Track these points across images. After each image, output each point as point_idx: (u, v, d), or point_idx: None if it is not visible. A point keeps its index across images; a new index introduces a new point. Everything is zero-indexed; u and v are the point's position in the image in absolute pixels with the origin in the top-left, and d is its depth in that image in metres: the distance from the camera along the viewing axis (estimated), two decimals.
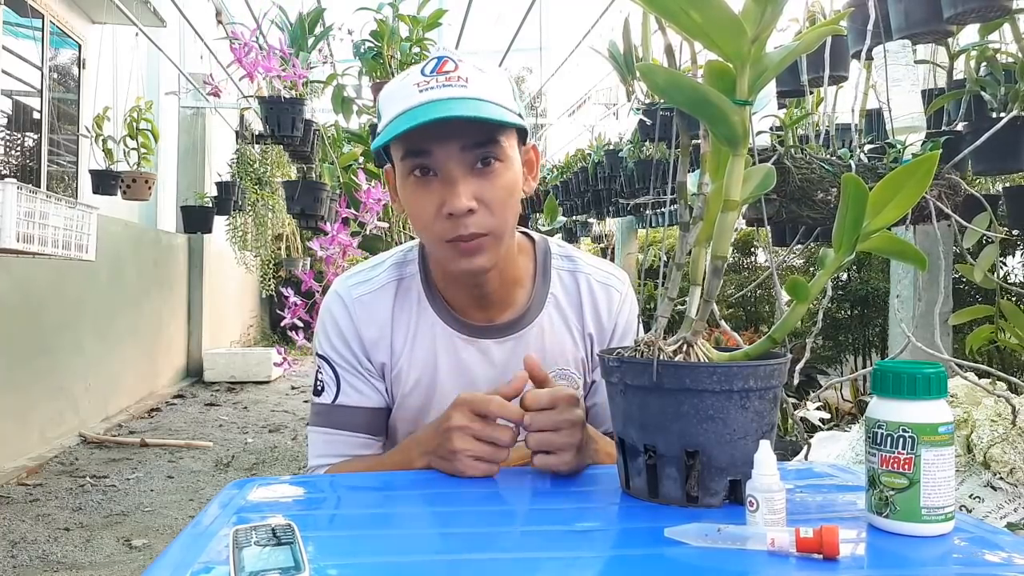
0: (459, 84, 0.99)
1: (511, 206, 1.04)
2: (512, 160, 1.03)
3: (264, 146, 6.71)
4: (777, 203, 1.67)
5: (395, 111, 1.00)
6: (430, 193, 1.01)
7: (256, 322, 10.97)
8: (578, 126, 8.26)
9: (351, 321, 1.12)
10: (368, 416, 1.12)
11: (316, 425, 1.13)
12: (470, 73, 1.00)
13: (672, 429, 0.79)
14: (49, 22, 5.18)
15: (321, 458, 1.12)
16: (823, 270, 0.82)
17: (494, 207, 1.01)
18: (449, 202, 0.99)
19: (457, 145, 0.99)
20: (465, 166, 1.00)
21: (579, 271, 1.18)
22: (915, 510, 0.71)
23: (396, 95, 1.02)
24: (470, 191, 0.99)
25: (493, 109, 0.99)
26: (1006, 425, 1.85)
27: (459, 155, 0.99)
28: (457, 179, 0.99)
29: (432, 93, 0.98)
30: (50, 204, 3.23)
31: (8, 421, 4.49)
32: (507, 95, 1.03)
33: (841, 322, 4.78)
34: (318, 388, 1.14)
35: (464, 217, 0.99)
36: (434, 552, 0.72)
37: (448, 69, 1.00)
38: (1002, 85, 2.02)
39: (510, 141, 1.04)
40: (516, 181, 1.04)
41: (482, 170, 1.01)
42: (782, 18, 1.10)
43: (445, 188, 1.00)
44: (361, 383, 1.12)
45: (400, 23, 2.99)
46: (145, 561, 3.11)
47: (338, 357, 1.12)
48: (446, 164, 1.00)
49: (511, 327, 1.12)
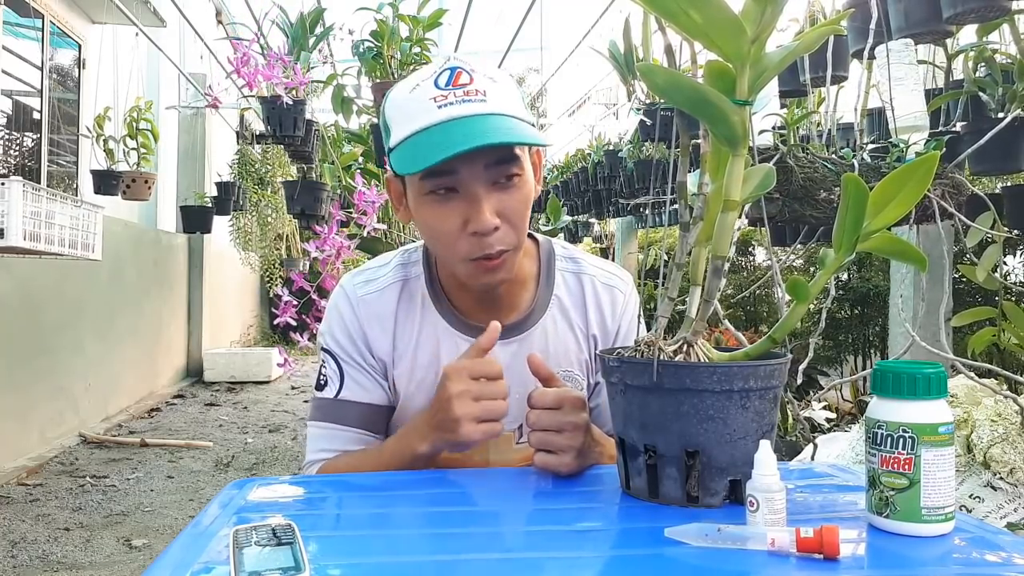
0: (478, 99, 0.97)
1: (527, 217, 1.04)
2: (528, 172, 1.03)
3: (265, 146, 6.71)
4: (780, 202, 1.66)
5: (412, 127, 0.98)
6: (451, 210, 1.00)
7: (256, 322, 10.98)
8: (578, 126, 8.26)
9: (356, 318, 1.12)
10: (370, 412, 1.12)
11: (317, 420, 1.13)
12: (486, 86, 0.99)
13: (672, 429, 0.79)
14: (49, 22, 5.18)
15: (320, 453, 1.11)
16: (823, 270, 0.82)
17: (515, 221, 1.01)
18: (475, 220, 0.98)
19: (482, 164, 0.98)
20: (487, 183, 0.99)
21: (583, 272, 1.18)
22: (915, 510, 0.71)
23: (410, 109, 1.00)
24: (493, 207, 0.99)
25: (517, 125, 0.98)
26: (1006, 425, 1.85)
27: (483, 173, 0.99)
28: (480, 196, 0.98)
29: (452, 110, 0.97)
30: (56, 203, 3.23)
31: (8, 421, 4.49)
32: (520, 105, 1.02)
33: (841, 322, 4.78)
34: (321, 383, 1.13)
35: (488, 236, 0.99)
36: (434, 552, 0.72)
37: (464, 82, 0.98)
38: (1000, 86, 2.03)
39: (526, 153, 1.04)
40: (532, 191, 1.04)
41: (503, 185, 1.00)
42: (782, 18, 1.10)
43: (469, 206, 0.99)
44: (365, 378, 1.12)
45: (400, 23, 2.99)
46: (145, 561, 3.11)
47: (343, 352, 1.12)
48: (470, 182, 0.99)
49: (515, 329, 1.12)
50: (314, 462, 1.11)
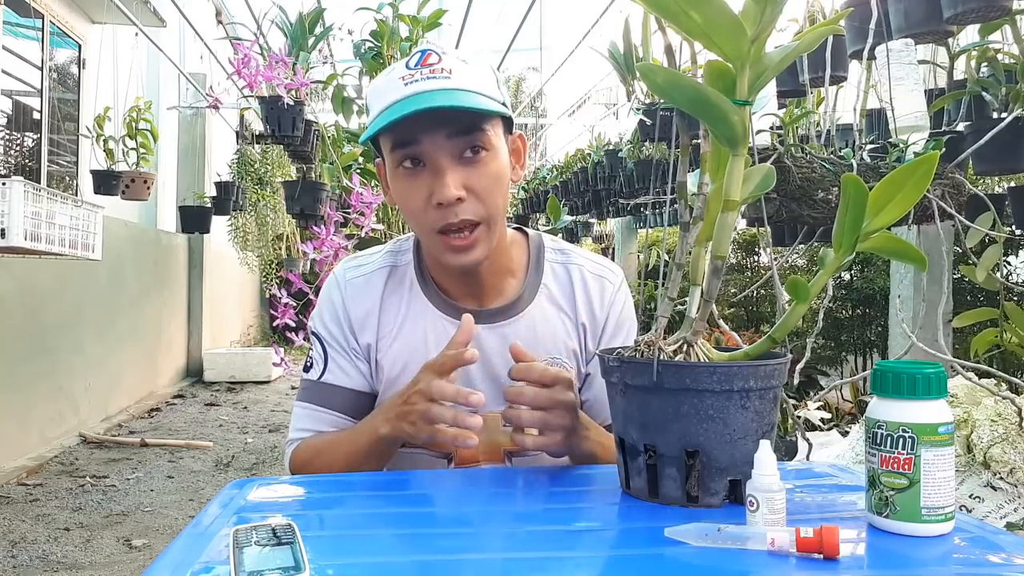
0: (443, 76, 1.01)
1: (500, 194, 1.06)
2: (498, 149, 1.05)
3: (264, 146, 6.71)
4: (777, 202, 1.67)
5: (382, 105, 1.03)
6: (419, 184, 1.03)
7: (256, 322, 10.98)
8: (578, 126, 8.26)
9: (343, 302, 1.15)
10: (350, 397, 1.14)
11: (302, 400, 1.17)
12: (453, 65, 1.02)
13: (672, 429, 0.79)
14: (49, 22, 5.19)
15: (300, 432, 1.15)
16: (823, 270, 0.82)
17: (483, 195, 1.03)
18: (438, 191, 1.01)
19: (443, 133, 1.01)
20: (452, 156, 1.02)
21: (571, 263, 1.19)
22: (915, 510, 0.71)
23: (382, 89, 1.04)
24: (458, 180, 1.01)
25: (476, 98, 1.01)
26: (1006, 425, 1.85)
27: (446, 144, 1.01)
28: (445, 168, 1.01)
29: (417, 86, 1.00)
30: (56, 203, 3.23)
31: (8, 421, 4.49)
32: (491, 85, 1.05)
33: (842, 322, 4.78)
34: (308, 364, 1.18)
35: (453, 206, 1.01)
36: (434, 552, 0.72)
37: (432, 62, 1.02)
38: (1003, 85, 2.02)
39: (496, 130, 1.06)
40: (503, 169, 1.06)
41: (470, 159, 1.03)
42: (782, 18, 1.10)
43: (433, 178, 1.02)
44: (347, 363, 1.14)
45: (400, 23, 3.00)
46: (145, 561, 3.11)
47: (329, 336, 1.15)
48: (434, 154, 1.02)
49: (501, 313, 1.13)
50: (294, 440, 1.15)
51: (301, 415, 1.16)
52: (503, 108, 1.05)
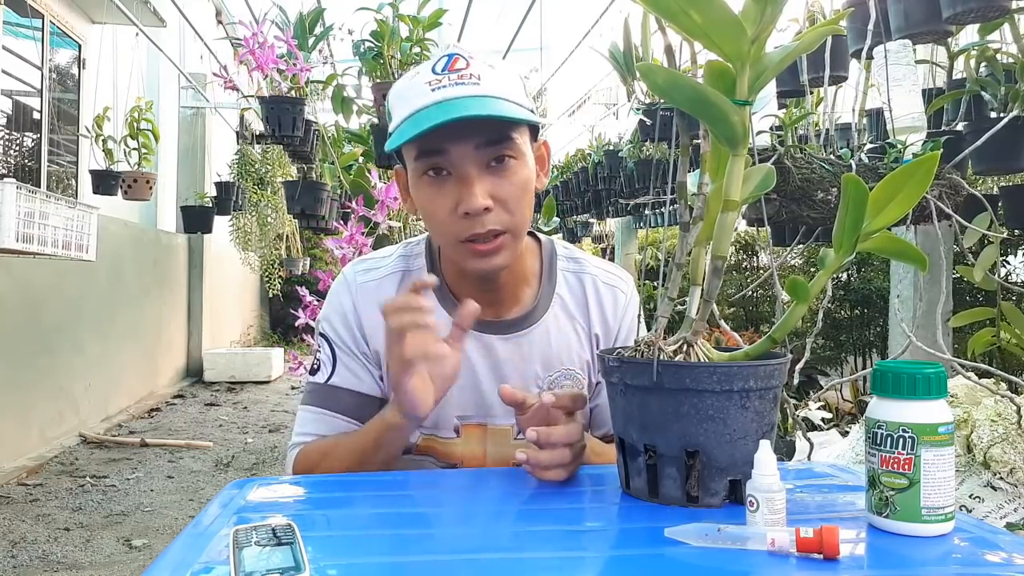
0: (471, 82, 0.98)
1: (526, 203, 1.04)
2: (526, 156, 1.03)
3: (265, 146, 6.71)
4: (777, 203, 1.67)
5: (407, 110, 1.00)
6: (445, 192, 1.01)
7: (256, 322, 10.97)
8: (578, 126, 8.25)
9: (353, 306, 1.12)
10: (359, 401, 1.11)
11: (307, 403, 1.13)
12: (481, 70, 1.00)
13: (672, 429, 0.79)
14: (49, 22, 5.18)
15: (305, 436, 1.11)
16: (823, 270, 0.82)
17: (510, 204, 1.01)
18: (465, 201, 0.98)
19: (472, 144, 0.98)
20: (480, 164, 1.00)
21: (584, 272, 1.18)
22: (915, 510, 0.71)
23: (407, 94, 1.01)
24: (485, 189, 0.99)
25: (507, 106, 0.98)
26: (1006, 425, 1.85)
27: (474, 154, 0.99)
28: (472, 178, 0.99)
29: (445, 92, 0.98)
30: (50, 204, 3.23)
31: (8, 421, 4.49)
32: (519, 91, 1.03)
33: (841, 322, 4.78)
34: (315, 367, 1.14)
35: (480, 215, 0.99)
36: (434, 552, 0.72)
37: (460, 67, 0.99)
38: (1002, 85, 2.02)
39: (523, 138, 1.04)
40: (530, 177, 1.04)
41: (496, 168, 1.01)
42: (782, 18, 1.10)
43: (460, 187, 0.99)
44: (357, 366, 1.12)
45: (400, 23, 2.99)
46: (145, 561, 3.11)
47: (337, 338, 1.13)
48: (461, 163, 0.99)
49: (516, 324, 1.12)
50: (297, 444, 1.12)
51: (306, 419, 1.12)
52: (532, 116, 1.03)
